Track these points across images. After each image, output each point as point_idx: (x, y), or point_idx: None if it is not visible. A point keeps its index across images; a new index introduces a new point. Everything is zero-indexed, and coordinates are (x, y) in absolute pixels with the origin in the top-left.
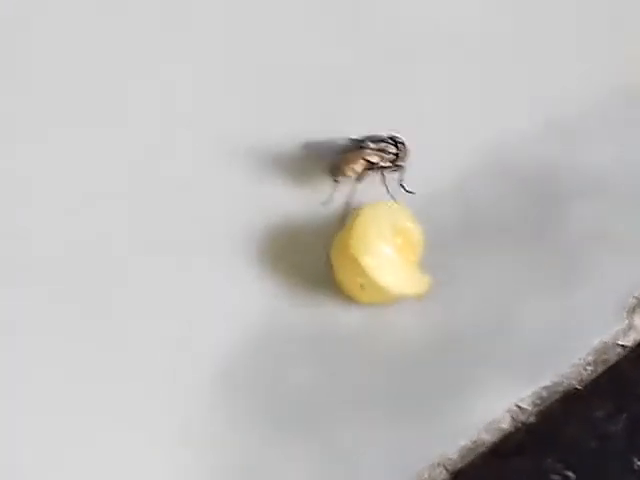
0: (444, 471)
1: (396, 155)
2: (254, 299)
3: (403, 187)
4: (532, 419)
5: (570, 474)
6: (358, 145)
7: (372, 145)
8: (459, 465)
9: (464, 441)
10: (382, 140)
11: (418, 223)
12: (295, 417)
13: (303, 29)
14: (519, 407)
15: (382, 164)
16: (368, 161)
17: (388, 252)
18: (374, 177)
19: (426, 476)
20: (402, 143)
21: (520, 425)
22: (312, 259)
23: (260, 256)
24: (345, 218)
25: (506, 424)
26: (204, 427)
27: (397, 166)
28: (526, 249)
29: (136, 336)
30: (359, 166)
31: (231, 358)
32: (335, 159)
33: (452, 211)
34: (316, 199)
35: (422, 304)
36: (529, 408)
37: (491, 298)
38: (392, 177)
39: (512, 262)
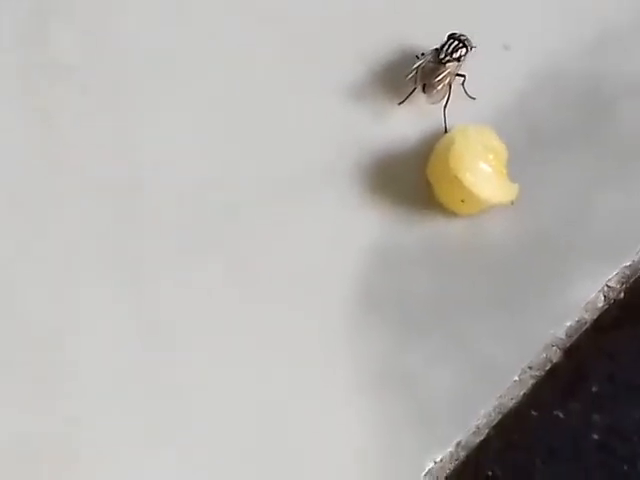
0: (557, 350)
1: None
2: (368, 225)
3: (466, 92)
4: (621, 295)
5: None
6: (439, 62)
7: (452, 55)
8: (568, 343)
9: (569, 322)
10: (454, 47)
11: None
12: (425, 321)
13: None
14: (609, 286)
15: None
16: (457, 74)
17: (485, 168)
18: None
19: (544, 355)
20: (466, 38)
21: (613, 302)
22: (411, 181)
23: (364, 184)
24: (436, 141)
25: (601, 302)
26: (349, 343)
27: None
28: (589, 149)
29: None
30: (448, 80)
31: (360, 279)
32: (427, 81)
33: (519, 124)
34: (406, 125)
35: (512, 209)
36: (617, 286)
37: (568, 195)
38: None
39: (579, 162)
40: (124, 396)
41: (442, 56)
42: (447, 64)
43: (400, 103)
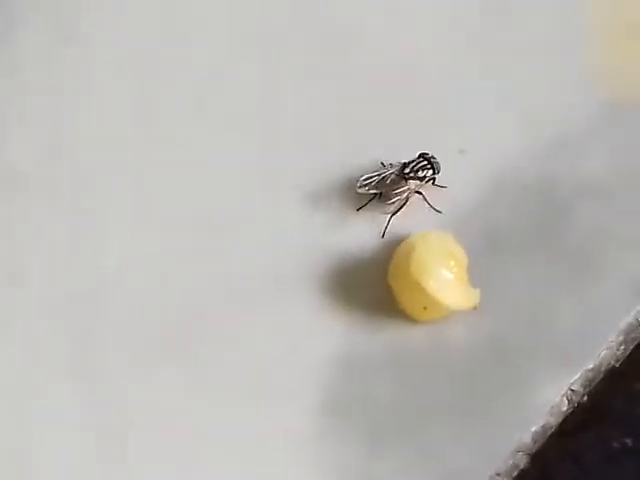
0: (524, 455)
1: (433, 176)
2: (331, 331)
3: (432, 207)
4: (585, 399)
5: (627, 440)
6: (402, 176)
7: (416, 174)
8: (534, 448)
9: (534, 427)
10: (421, 165)
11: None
12: (391, 429)
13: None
14: (572, 390)
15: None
16: (415, 191)
17: (446, 274)
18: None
19: (511, 462)
20: (436, 161)
21: (577, 405)
22: (372, 287)
23: (325, 290)
24: (396, 248)
25: (565, 406)
26: (316, 452)
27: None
28: (548, 252)
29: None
30: (405, 195)
31: (324, 387)
32: (384, 190)
33: (477, 229)
34: (364, 231)
35: (474, 314)
36: (581, 390)
37: (529, 299)
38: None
39: (538, 265)
40: None
41: (407, 171)
42: (409, 180)
43: (359, 209)
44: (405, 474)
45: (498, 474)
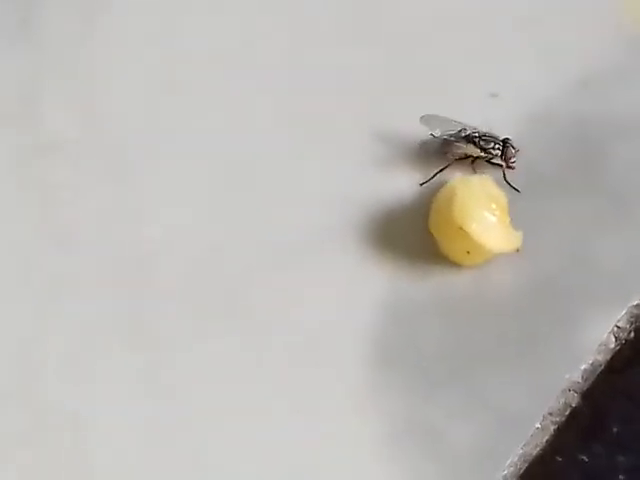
0: (575, 394)
1: (501, 156)
2: (376, 281)
3: (509, 184)
4: (632, 335)
5: None
6: (468, 139)
7: (482, 144)
8: (585, 387)
9: (584, 365)
10: (493, 141)
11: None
12: (442, 374)
13: None
14: (618, 327)
15: (481, 158)
16: (471, 155)
17: (489, 217)
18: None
19: (563, 401)
20: (511, 147)
21: (624, 342)
22: (414, 235)
23: (368, 241)
24: (435, 194)
25: (612, 344)
26: (369, 400)
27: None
28: (585, 191)
29: (281, 332)
30: (460, 155)
31: (374, 336)
32: (443, 146)
33: (515, 171)
34: (404, 180)
35: (517, 256)
36: (627, 326)
37: (571, 239)
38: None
39: (579, 205)
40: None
41: (475, 135)
42: (469, 144)
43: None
44: (460, 419)
45: (551, 413)
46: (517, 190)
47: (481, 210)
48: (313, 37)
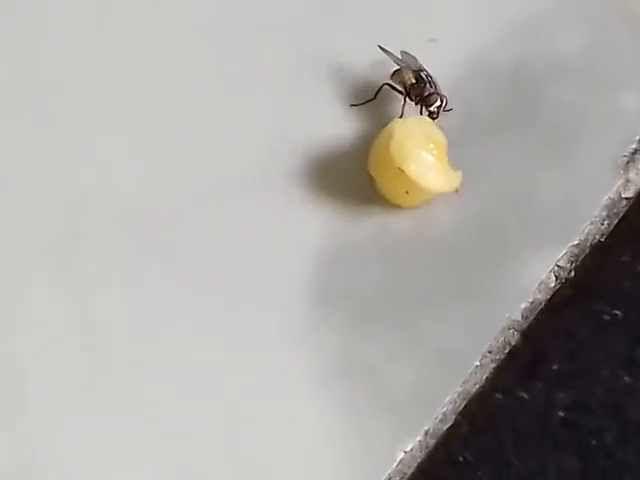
0: (515, 332)
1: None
2: (314, 223)
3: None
4: (572, 274)
5: (617, 312)
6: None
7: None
8: (525, 325)
9: (523, 304)
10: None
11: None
12: (381, 314)
13: None
14: (559, 266)
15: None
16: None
17: (427, 157)
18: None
19: (502, 339)
20: (440, 98)
21: (564, 281)
22: (353, 177)
23: (306, 183)
24: (375, 136)
25: (552, 283)
26: (308, 340)
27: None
28: (524, 132)
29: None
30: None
31: (312, 277)
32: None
33: (454, 112)
34: (342, 121)
35: (456, 197)
36: (567, 265)
37: (510, 179)
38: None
39: (517, 145)
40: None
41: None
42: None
43: (352, 105)
44: (397, 356)
45: (490, 352)
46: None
47: (419, 150)
48: None
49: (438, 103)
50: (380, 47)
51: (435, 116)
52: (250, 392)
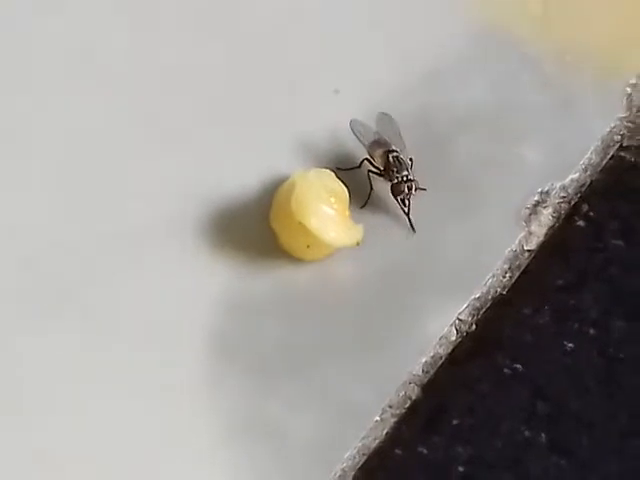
0: (415, 386)
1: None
2: (215, 276)
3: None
4: (473, 328)
5: (518, 366)
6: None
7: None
8: (425, 379)
9: (424, 358)
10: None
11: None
12: (282, 368)
13: None
14: (460, 320)
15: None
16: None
17: (328, 211)
18: None
19: (403, 393)
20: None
21: (465, 334)
22: (255, 230)
23: (208, 235)
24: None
25: (453, 336)
26: (207, 394)
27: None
28: (428, 184)
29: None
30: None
31: (212, 330)
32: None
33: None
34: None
35: (358, 250)
36: (468, 319)
37: (412, 234)
38: None
39: (419, 197)
40: None
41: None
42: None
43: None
44: (299, 412)
45: (391, 406)
46: (413, 230)
47: (319, 204)
48: (154, 35)
49: (406, 191)
50: (351, 127)
51: (406, 203)
52: (149, 455)
